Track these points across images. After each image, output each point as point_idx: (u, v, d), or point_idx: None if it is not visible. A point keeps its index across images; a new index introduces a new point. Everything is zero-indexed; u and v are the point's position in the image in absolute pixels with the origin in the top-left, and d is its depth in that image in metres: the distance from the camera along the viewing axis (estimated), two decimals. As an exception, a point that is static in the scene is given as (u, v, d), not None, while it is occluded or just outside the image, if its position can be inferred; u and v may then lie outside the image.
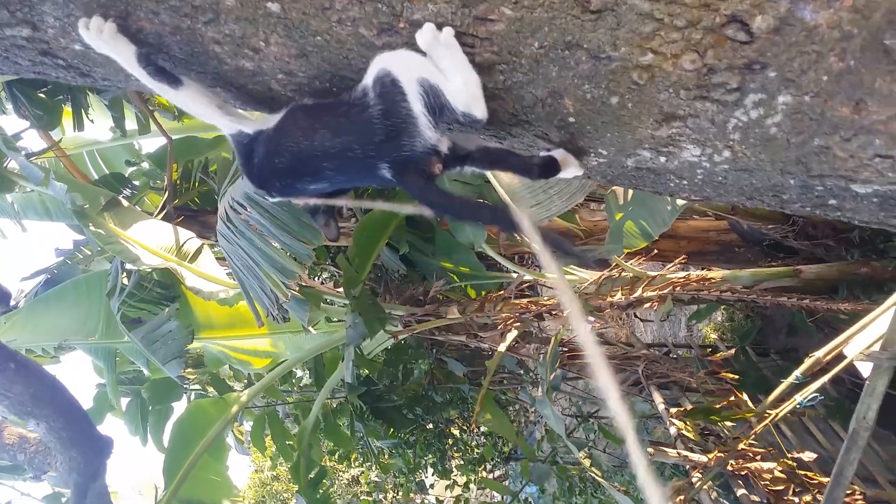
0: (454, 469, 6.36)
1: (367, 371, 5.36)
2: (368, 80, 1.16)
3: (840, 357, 3.99)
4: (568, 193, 2.96)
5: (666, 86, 1.11)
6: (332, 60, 1.23)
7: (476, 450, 6.42)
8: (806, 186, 1.21)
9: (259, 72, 1.27)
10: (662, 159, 1.20)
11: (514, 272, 4.70)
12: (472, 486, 6.25)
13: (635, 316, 6.96)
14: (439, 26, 1.13)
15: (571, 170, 1.26)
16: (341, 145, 1.20)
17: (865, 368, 3.15)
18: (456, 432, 6.01)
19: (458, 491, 6.56)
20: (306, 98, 1.30)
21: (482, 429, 6.69)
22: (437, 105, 1.13)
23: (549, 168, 1.28)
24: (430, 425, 5.69)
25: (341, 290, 4.74)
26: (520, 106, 1.20)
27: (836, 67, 1.06)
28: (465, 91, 1.12)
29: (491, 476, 7.16)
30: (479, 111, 1.14)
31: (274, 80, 1.28)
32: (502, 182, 3.13)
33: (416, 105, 1.14)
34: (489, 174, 3.27)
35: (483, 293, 4.80)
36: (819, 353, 4.02)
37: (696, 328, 6.71)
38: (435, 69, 1.12)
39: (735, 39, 1.06)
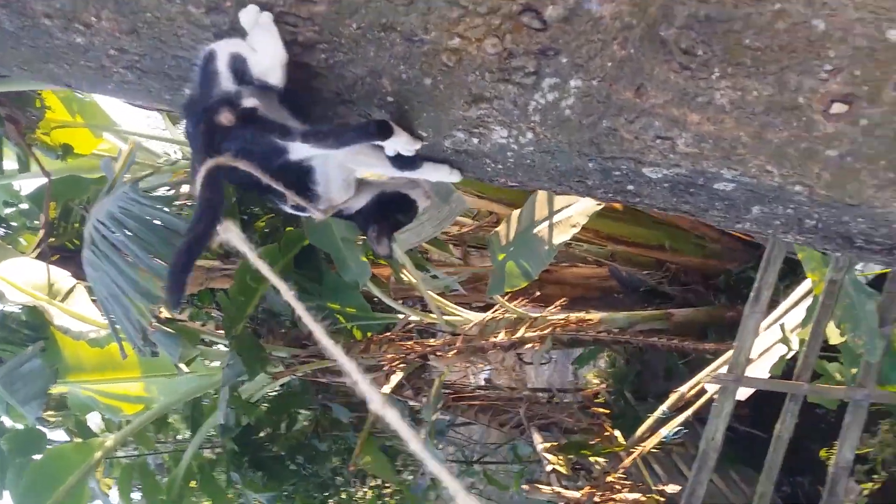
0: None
1: (248, 418, 5.21)
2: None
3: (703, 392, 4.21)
4: (438, 219, 3.06)
5: (473, 68, 1.21)
6: (162, 38, 1.27)
7: (360, 502, 6.29)
8: (605, 171, 1.33)
9: (91, 47, 1.30)
10: (476, 140, 1.29)
11: (401, 313, 4.75)
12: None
13: (521, 360, 7.10)
14: (264, 7, 1.20)
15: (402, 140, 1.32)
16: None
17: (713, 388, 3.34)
18: (340, 482, 5.88)
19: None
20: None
21: (369, 482, 6.58)
22: (240, 70, 1.21)
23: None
24: (313, 476, 5.55)
25: (223, 331, 4.65)
26: (342, 85, 1.28)
27: (619, 55, 1.19)
28: (264, 62, 1.20)
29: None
30: (274, 79, 1.22)
31: (105, 55, 1.31)
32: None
33: (222, 65, 1.21)
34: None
35: (369, 334, 4.81)
36: (683, 389, 4.23)
37: (581, 374, 6.90)
38: (248, 46, 1.19)
39: (530, 27, 1.17)
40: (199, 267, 4.74)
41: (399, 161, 1.37)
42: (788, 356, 3.72)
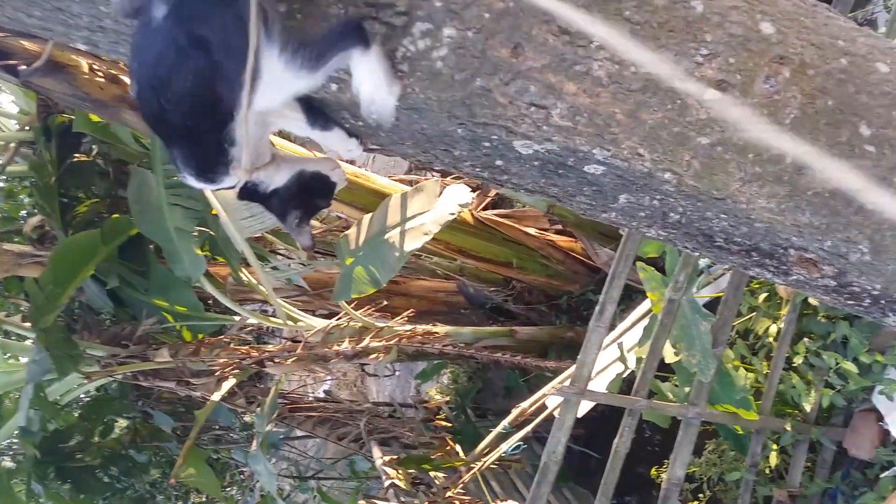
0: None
1: (56, 423, 4.66)
2: None
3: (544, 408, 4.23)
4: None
5: (336, -1, 1.06)
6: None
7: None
8: (474, 140, 1.22)
9: None
10: (334, 87, 1.14)
11: (238, 315, 4.43)
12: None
13: (364, 371, 6.92)
14: None
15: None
16: None
17: (553, 403, 3.34)
18: (159, 498, 5.40)
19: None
20: None
21: (192, 499, 6.11)
22: None
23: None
24: (129, 489, 5.06)
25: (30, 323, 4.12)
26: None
27: (496, 6, 1.08)
28: None
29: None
30: None
31: None
32: (217, 194, 2.94)
33: None
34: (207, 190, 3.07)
35: (200, 336, 4.45)
36: (524, 404, 4.23)
37: (423, 389, 6.83)
38: None
39: (404, -40, 1.04)
40: (7, 251, 4.19)
41: (313, 117, 1.17)
42: (625, 374, 3.81)
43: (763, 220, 1.29)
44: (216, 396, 4.30)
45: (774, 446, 3.52)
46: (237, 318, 4.39)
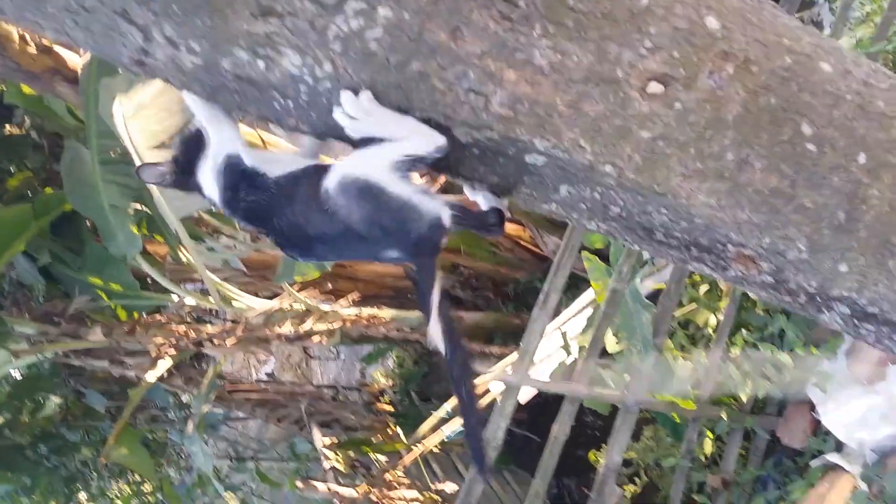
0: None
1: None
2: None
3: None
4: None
5: (262, -29, 0.99)
6: None
7: (116, 499, 5.66)
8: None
9: None
10: (262, 65, 1.07)
11: (176, 295, 4.30)
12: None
13: (307, 354, 6.85)
14: None
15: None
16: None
17: (496, 388, 3.34)
18: (91, 476, 5.24)
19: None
20: None
21: (128, 477, 5.95)
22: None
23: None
24: (60, 467, 4.89)
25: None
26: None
27: (435, -14, 1.03)
28: None
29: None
30: None
31: None
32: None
33: None
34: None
35: (136, 315, 4.31)
36: (468, 389, 4.21)
37: (368, 373, 6.78)
38: None
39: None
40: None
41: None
42: (568, 362, 3.83)
43: (703, 216, 1.28)
44: (151, 377, 4.18)
45: (710, 434, 3.59)
46: (175, 298, 4.27)
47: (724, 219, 1.28)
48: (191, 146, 1.35)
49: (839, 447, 3.16)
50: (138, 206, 3.54)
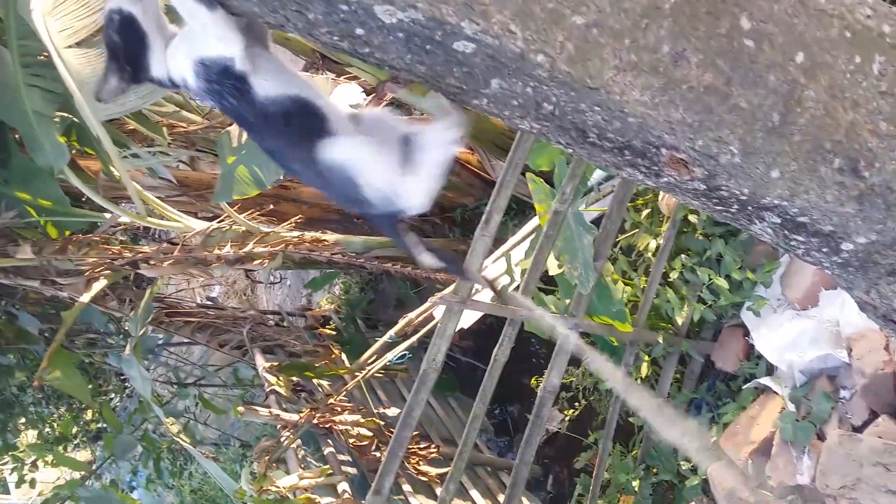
0: (26, 448, 5.44)
1: None
2: None
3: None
4: (146, 90, 2.61)
5: None
6: None
7: (55, 425, 5.58)
8: (329, 2, 1.08)
9: None
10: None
11: (110, 212, 4.13)
12: (44, 466, 5.38)
13: (249, 277, 6.77)
14: None
15: None
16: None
17: (440, 314, 3.33)
18: (29, 401, 5.14)
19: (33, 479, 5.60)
20: None
21: (69, 402, 5.86)
22: None
23: None
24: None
25: None
26: None
27: None
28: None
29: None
30: None
31: None
32: (72, 69, 2.64)
33: None
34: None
35: (67, 233, 4.14)
36: (411, 315, 4.21)
37: (315, 300, 6.74)
38: None
39: None
40: None
41: None
42: (511, 287, 3.83)
43: (636, 115, 1.23)
44: (85, 298, 4.05)
45: (647, 358, 3.66)
46: (108, 215, 4.11)
47: (658, 118, 1.23)
48: (128, 38, 1.23)
49: (771, 371, 3.25)
50: (65, 114, 3.34)
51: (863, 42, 1.25)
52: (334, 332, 4.89)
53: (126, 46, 1.23)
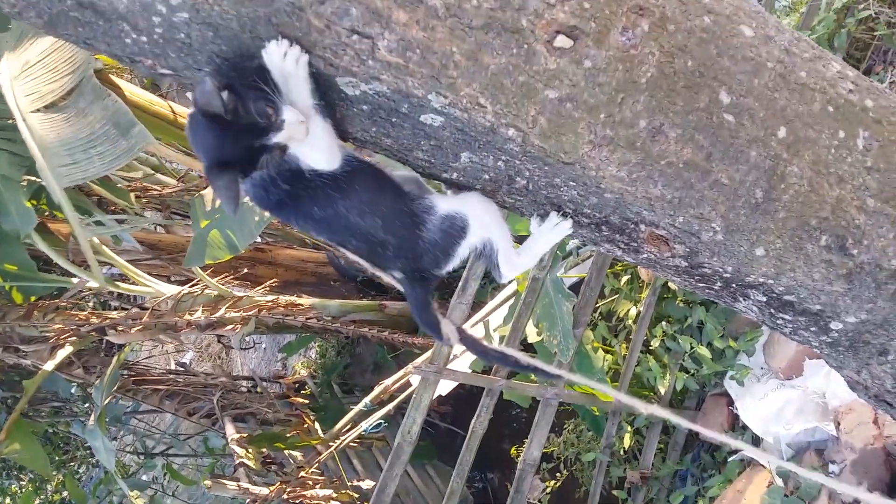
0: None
1: None
2: (443, 208, 1.23)
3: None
4: (112, 155, 2.52)
5: None
6: None
7: (18, 496, 5.30)
8: (288, 73, 1.02)
9: None
10: (103, -11, 0.91)
11: (77, 277, 4.01)
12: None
13: (222, 343, 6.60)
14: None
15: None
16: (378, 237, 1.22)
17: (416, 382, 3.21)
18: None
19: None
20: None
21: (29, 474, 5.60)
22: (485, 255, 1.30)
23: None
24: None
25: None
26: None
27: None
28: (519, 269, 1.35)
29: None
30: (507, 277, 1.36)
31: None
32: (35, 134, 2.56)
33: (466, 249, 1.28)
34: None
35: (33, 299, 4.00)
36: (388, 381, 4.09)
37: (290, 364, 6.56)
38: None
39: None
40: None
41: None
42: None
43: (613, 191, 1.17)
44: (49, 365, 3.89)
45: (630, 428, 3.55)
46: (76, 280, 3.98)
47: (636, 194, 1.17)
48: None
49: (757, 442, 3.15)
50: (32, 178, 3.25)
51: (846, 116, 1.21)
52: (308, 399, 4.73)
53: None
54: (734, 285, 1.35)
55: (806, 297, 1.33)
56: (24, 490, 5.82)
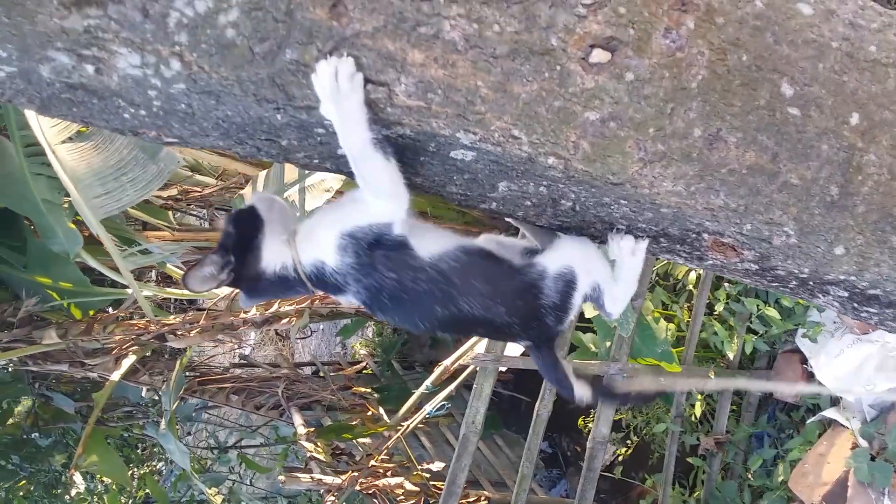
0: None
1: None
2: (552, 268, 1.19)
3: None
4: (143, 181, 2.49)
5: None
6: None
7: (104, 498, 5.50)
8: (303, 128, 0.94)
9: None
10: (91, 69, 0.83)
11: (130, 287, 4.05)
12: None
13: (278, 335, 6.67)
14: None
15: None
16: (503, 321, 1.19)
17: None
18: (78, 480, 5.07)
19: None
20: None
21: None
22: (592, 298, 1.29)
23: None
24: (36, 473, 4.72)
25: None
26: None
27: (302, -50, 0.79)
28: (623, 302, 1.35)
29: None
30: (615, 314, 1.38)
31: None
32: (66, 166, 2.55)
33: (579, 299, 1.25)
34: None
35: (91, 313, 4.07)
36: (447, 362, 4.05)
37: (349, 344, 6.60)
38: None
39: None
40: None
41: None
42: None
43: (670, 205, 1.06)
44: (115, 376, 3.97)
45: (699, 396, 3.44)
46: (130, 290, 4.02)
47: (696, 206, 1.06)
48: (244, 226, 1.13)
49: (835, 401, 3.01)
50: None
51: (928, 94, 1.06)
52: (368, 389, 4.73)
53: (239, 234, 1.12)
54: (811, 283, 1.24)
55: (893, 291, 1.20)
56: (109, 490, 6.04)
